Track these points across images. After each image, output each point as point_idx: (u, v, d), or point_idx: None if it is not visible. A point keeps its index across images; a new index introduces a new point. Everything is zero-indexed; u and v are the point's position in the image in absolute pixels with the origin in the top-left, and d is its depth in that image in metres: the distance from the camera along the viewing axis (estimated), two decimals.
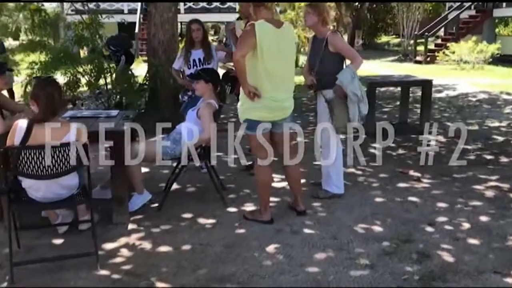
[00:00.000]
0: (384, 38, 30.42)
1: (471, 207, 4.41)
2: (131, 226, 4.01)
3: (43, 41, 6.92)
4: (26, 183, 3.25)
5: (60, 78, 7.70)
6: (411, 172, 5.41)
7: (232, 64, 5.14)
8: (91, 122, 4.15)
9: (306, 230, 3.93)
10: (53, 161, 3.14)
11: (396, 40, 27.94)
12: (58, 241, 3.75)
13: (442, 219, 4.14)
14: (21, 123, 3.17)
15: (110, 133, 3.85)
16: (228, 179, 5.19)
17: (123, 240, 3.76)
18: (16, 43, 7.58)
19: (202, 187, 4.92)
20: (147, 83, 7.60)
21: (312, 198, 4.59)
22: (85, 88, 7.77)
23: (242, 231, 3.92)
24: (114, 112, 4.55)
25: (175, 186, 4.91)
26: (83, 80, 7.50)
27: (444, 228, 3.96)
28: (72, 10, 22.30)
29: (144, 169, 5.28)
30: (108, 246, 3.67)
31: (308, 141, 6.70)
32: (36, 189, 3.27)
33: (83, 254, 3.37)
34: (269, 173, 4.07)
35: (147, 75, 7.63)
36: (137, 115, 7.64)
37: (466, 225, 4.02)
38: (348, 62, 4.45)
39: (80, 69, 7.19)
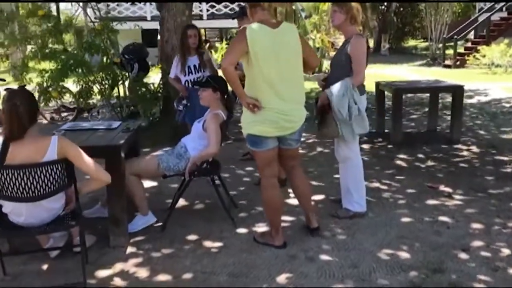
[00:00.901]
0: (411, 42, 29.68)
1: (510, 229, 3.91)
2: (129, 250, 3.64)
3: (52, 48, 6.65)
4: (6, 207, 2.92)
5: (72, 86, 7.51)
6: (442, 187, 4.92)
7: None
8: (88, 135, 3.82)
9: (323, 257, 3.50)
10: (34, 181, 2.80)
11: (424, 44, 27.20)
12: (48, 267, 3.41)
13: (477, 243, 3.66)
14: None
15: (103, 148, 3.51)
16: (241, 195, 4.80)
17: (118, 267, 3.39)
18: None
19: (211, 204, 4.54)
20: (160, 91, 7.28)
21: (331, 217, 4.16)
22: (98, 97, 7.52)
23: (251, 257, 3.51)
24: (116, 124, 4.21)
25: (182, 202, 4.57)
26: (96, 89, 7.24)
27: (480, 255, 3.48)
28: (95, 18, 22.43)
29: (151, 183, 4.96)
30: (101, 273, 3.31)
31: (328, 151, 6.28)
32: (17, 213, 2.94)
33: (70, 285, 3.02)
34: (277, 194, 3.61)
35: (161, 82, 7.31)
36: (149, 124, 7.46)
37: (506, 251, 3.53)
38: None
39: (92, 77, 6.91)
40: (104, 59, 6.85)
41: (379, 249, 3.60)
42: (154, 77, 9.21)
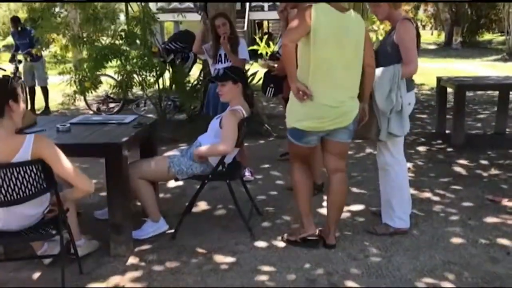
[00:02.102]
0: (486, 36, 27.80)
1: None
2: (131, 260, 3.25)
3: (89, 37, 6.40)
4: None
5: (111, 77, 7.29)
6: (505, 201, 4.19)
7: (273, 61, 4.25)
8: (92, 130, 3.46)
9: (349, 284, 2.94)
10: (4, 184, 2.44)
11: (501, 38, 25.33)
12: (39, 276, 3.08)
13: None
14: None
15: (102, 146, 3.12)
16: (269, 200, 4.31)
17: (113, 281, 3.00)
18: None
19: (233, 210, 4.05)
20: (200, 83, 6.89)
21: (367, 234, 3.58)
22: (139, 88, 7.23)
23: (262, 279, 3.01)
24: (129, 118, 3.83)
25: (202, 206, 4.16)
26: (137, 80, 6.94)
27: None
28: (157, 9, 22.51)
29: (175, 183, 4.56)
30: (93, 286, 2.94)
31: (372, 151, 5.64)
32: None
33: None
34: (306, 175, 3.35)
35: (201, 74, 6.92)
36: (189, 118, 7.11)
37: None
38: None
39: (130, 68, 6.61)
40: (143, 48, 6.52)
41: (419, 277, 3.00)
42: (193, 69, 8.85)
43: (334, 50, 2.99)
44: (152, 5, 22.20)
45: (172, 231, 3.59)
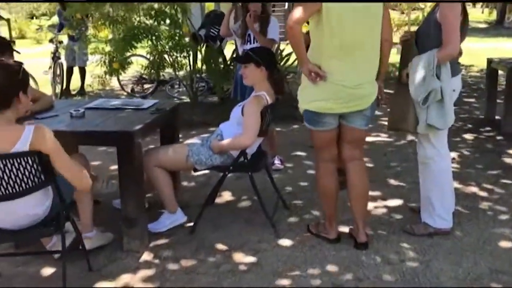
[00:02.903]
0: None
1: None
2: (145, 257, 3.03)
3: (118, 16, 6.18)
4: None
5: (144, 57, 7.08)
6: None
7: None
8: (106, 117, 3.24)
9: None
10: (5, 177, 2.24)
11: None
12: (48, 271, 2.90)
13: None
14: None
15: (113, 134, 2.90)
16: (298, 192, 4.01)
17: (123, 280, 2.80)
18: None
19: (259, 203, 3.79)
20: (233, 64, 6.60)
21: (403, 234, 3.24)
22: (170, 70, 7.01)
23: (284, 283, 2.73)
24: (148, 103, 3.59)
25: (227, 197, 3.92)
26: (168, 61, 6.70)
27: None
28: None
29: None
30: (101, 285, 2.74)
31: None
32: None
33: None
34: (333, 181, 3.07)
35: (234, 54, 6.62)
36: (221, 101, 6.85)
37: None
38: None
39: (161, 48, 6.38)
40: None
41: (461, 285, 2.65)
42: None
43: (350, 29, 2.72)
44: None
45: (191, 224, 3.35)
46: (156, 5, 6.20)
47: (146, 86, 8.88)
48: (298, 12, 2.67)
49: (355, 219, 3.09)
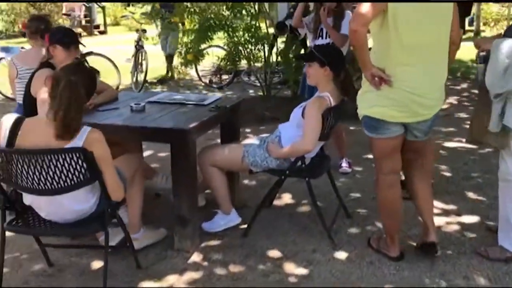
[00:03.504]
0: None
1: None
2: (194, 258, 2.96)
3: (196, 6, 6.17)
4: (26, 198, 2.43)
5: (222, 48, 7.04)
6: None
7: None
8: (164, 112, 3.18)
9: None
10: (50, 171, 2.23)
11: None
12: (98, 264, 2.91)
13: None
14: (6, 119, 2.30)
15: (167, 131, 2.83)
16: (363, 200, 3.76)
17: (168, 281, 2.74)
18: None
19: (322, 208, 3.58)
20: None
21: (476, 256, 2.92)
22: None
23: None
24: (210, 99, 3.50)
25: (286, 199, 3.76)
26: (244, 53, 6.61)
27: None
28: None
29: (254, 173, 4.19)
30: (145, 285, 2.69)
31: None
32: (37, 207, 2.45)
33: None
34: (396, 194, 2.81)
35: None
36: (294, 96, 6.65)
37: None
38: None
39: (237, 40, 6.30)
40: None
41: None
42: None
43: (418, 30, 2.49)
44: None
45: (246, 226, 3.23)
46: None
47: (223, 77, 8.90)
48: (362, 13, 2.43)
49: (424, 218, 2.89)
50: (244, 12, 6.09)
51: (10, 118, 2.28)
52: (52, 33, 3.27)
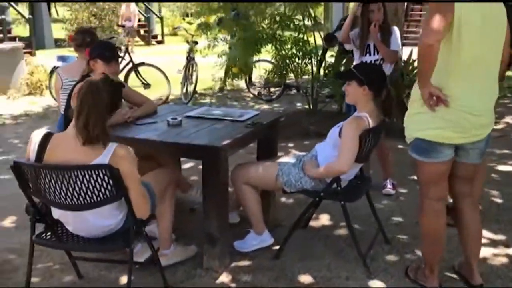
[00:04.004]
0: None
1: None
2: (222, 278, 2.89)
3: (245, 20, 6.16)
4: (54, 212, 2.44)
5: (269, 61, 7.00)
6: None
7: None
8: (200, 128, 3.14)
9: None
10: (77, 187, 2.23)
11: None
12: (126, 278, 2.88)
13: None
14: (35, 135, 2.33)
15: (199, 148, 2.79)
16: (405, 224, 3.58)
17: None
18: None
19: (358, 231, 3.44)
20: None
21: None
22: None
23: None
24: (248, 115, 3.43)
25: (324, 220, 3.64)
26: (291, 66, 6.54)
27: None
28: None
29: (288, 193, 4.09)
30: None
31: None
32: (65, 221, 2.46)
33: None
34: (441, 223, 2.65)
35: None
36: (339, 111, 6.50)
37: None
38: None
39: (284, 53, 6.25)
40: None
41: None
42: None
43: (478, 47, 2.36)
44: None
45: (277, 248, 3.14)
46: (282, 7, 6.05)
47: (272, 89, 8.85)
48: (436, 26, 2.26)
49: (468, 259, 2.72)
50: (292, 25, 6.02)
51: (39, 133, 2.30)
52: (94, 48, 3.31)
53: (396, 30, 4.07)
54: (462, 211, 2.69)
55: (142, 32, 19.81)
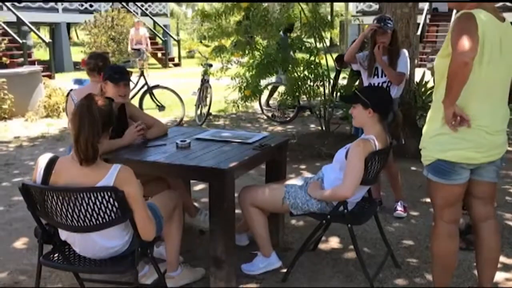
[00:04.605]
0: None
1: None
2: None
3: (257, 43, 6.23)
4: (62, 233, 2.47)
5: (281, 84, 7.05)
6: None
7: None
8: (207, 150, 3.17)
9: None
10: (82, 209, 2.26)
11: None
12: None
13: None
14: (41, 159, 2.37)
15: (205, 170, 2.81)
16: (416, 247, 3.54)
17: None
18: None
19: (368, 254, 3.41)
20: None
21: None
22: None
23: None
24: (256, 137, 3.45)
25: (333, 243, 3.62)
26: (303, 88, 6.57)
27: None
28: (357, 12, 21.91)
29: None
30: None
31: None
32: (72, 242, 2.48)
33: None
34: (453, 247, 2.62)
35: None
36: (354, 133, 6.48)
37: None
38: None
39: (297, 76, 6.29)
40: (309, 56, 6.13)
41: None
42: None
43: (495, 68, 2.38)
44: (352, 6, 21.82)
45: (285, 270, 3.12)
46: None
47: (286, 111, 8.89)
48: (468, 42, 2.22)
49: (483, 283, 2.67)
50: (303, 48, 6.07)
51: (45, 157, 2.35)
52: (105, 70, 3.38)
53: (404, 52, 4.08)
54: (483, 233, 2.65)
55: (159, 55, 20.14)
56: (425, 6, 19.81)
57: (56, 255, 2.50)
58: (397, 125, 2.94)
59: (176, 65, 20.51)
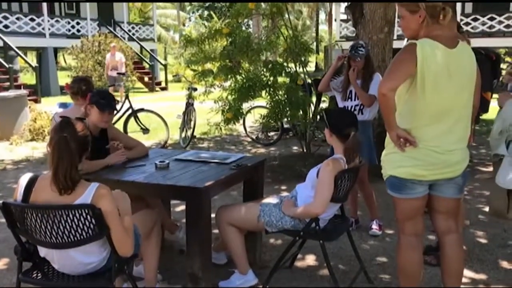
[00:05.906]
0: None
1: None
2: None
3: (240, 67, 6.40)
4: (41, 250, 2.55)
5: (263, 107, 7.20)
6: None
7: None
8: (186, 170, 3.28)
9: None
10: (61, 226, 2.35)
11: None
12: None
13: None
14: (22, 178, 2.46)
15: (182, 189, 2.91)
16: (389, 264, 3.64)
17: None
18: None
19: (343, 271, 3.51)
20: None
21: None
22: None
23: None
24: (233, 158, 3.58)
25: (309, 260, 3.70)
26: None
27: None
28: (341, 37, 22.34)
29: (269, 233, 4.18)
30: None
31: None
32: (51, 259, 2.55)
33: None
34: (416, 258, 2.75)
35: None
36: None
37: None
38: None
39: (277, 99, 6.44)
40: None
41: None
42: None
43: (445, 96, 2.53)
44: (336, 31, 22.22)
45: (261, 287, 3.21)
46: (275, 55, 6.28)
47: (270, 134, 9.05)
48: (392, 77, 2.50)
49: None
50: (283, 74, 6.24)
51: (26, 177, 2.44)
52: (93, 94, 3.47)
53: (377, 76, 4.25)
54: (445, 246, 2.77)
55: (146, 79, 20.32)
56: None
57: (35, 272, 2.57)
58: (352, 146, 3.04)
59: (163, 89, 20.71)
